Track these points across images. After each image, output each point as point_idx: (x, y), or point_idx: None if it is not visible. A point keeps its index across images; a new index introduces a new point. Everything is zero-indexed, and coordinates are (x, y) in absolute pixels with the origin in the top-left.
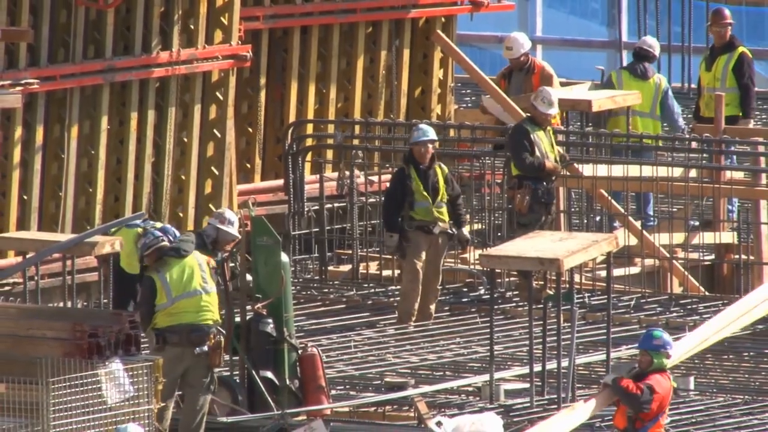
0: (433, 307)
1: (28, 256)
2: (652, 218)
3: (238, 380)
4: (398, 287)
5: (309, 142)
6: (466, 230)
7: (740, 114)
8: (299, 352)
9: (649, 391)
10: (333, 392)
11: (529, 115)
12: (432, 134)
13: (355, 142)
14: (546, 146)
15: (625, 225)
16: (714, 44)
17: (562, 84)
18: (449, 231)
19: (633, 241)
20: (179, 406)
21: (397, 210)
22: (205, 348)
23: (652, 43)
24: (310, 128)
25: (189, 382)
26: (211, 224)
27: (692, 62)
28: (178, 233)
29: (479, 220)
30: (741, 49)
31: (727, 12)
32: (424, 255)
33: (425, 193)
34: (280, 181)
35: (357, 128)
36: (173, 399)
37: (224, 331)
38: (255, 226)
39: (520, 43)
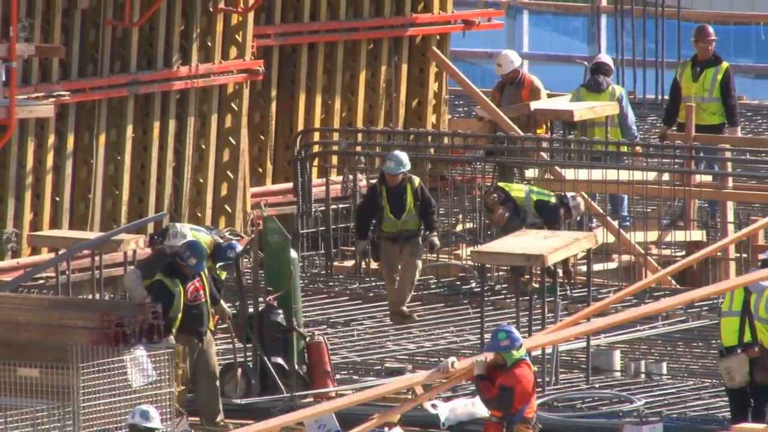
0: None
1: (60, 253)
2: (628, 218)
3: (251, 366)
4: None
5: (316, 148)
6: (436, 238)
7: (725, 122)
8: (307, 340)
9: (504, 392)
10: (337, 377)
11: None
12: (404, 166)
13: (358, 148)
14: None
15: (604, 224)
16: (697, 57)
17: (547, 96)
18: (419, 237)
19: (611, 238)
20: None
21: (365, 222)
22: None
23: (607, 59)
24: (316, 136)
25: None
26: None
27: (665, 76)
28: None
29: (471, 219)
30: (726, 64)
31: (711, 29)
32: (394, 260)
33: (392, 212)
34: (290, 185)
35: (359, 136)
36: None
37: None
38: (267, 225)
39: (510, 60)
